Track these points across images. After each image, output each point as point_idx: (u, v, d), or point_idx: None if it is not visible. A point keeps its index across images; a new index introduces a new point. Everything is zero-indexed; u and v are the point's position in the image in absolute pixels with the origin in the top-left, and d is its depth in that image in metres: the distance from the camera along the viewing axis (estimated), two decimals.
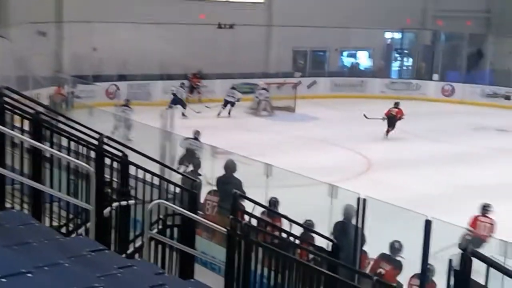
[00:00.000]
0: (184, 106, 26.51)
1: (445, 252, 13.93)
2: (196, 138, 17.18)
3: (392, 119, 24.54)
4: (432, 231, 8.40)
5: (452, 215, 13.53)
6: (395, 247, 10.71)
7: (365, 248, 10.20)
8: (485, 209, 13.83)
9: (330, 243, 8.98)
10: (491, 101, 32.96)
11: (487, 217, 13.78)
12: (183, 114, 25.73)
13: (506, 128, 26.91)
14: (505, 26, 38.34)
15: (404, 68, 38.72)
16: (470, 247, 4.60)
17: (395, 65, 38.80)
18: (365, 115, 24.94)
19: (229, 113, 27.33)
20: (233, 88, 28.17)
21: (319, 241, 9.34)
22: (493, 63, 36.45)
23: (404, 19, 35.70)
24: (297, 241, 8.40)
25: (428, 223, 8.38)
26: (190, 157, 15.99)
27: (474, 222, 13.74)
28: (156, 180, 8.20)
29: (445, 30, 36.30)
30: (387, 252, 10.78)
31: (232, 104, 27.54)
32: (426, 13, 37.91)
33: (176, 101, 26.56)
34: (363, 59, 37.45)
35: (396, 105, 25.12)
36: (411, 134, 25.11)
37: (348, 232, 10.29)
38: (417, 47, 37.57)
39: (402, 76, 37.33)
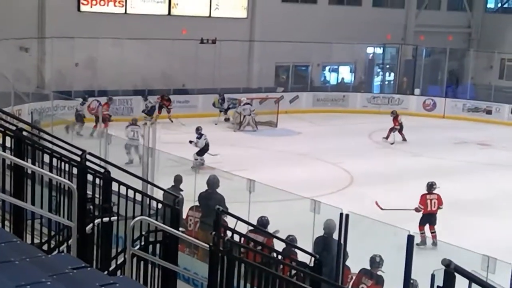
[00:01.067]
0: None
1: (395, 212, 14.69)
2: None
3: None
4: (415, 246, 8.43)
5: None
6: (376, 261, 10.72)
7: (347, 263, 10.20)
8: (431, 186, 15.37)
9: (313, 258, 8.98)
10: (472, 115, 33.22)
11: (433, 193, 15.28)
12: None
13: (487, 142, 27.10)
14: (486, 41, 38.82)
15: (386, 82, 38.96)
16: (453, 264, 4.62)
17: (377, 80, 39.03)
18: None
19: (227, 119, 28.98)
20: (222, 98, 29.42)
21: (302, 257, 9.34)
22: (474, 78, 36.78)
23: (385, 34, 36.01)
24: (279, 257, 8.40)
25: (410, 238, 8.40)
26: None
27: (423, 200, 15.16)
28: (138, 196, 8.17)
29: (426, 45, 36.62)
30: (368, 266, 10.79)
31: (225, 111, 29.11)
32: (407, 28, 38.25)
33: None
34: (346, 74, 37.64)
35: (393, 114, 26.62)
36: (393, 148, 25.25)
37: (330, 247, 10.30)
38: (399, 61, 37.83)
39: (384, 90, 37.57)
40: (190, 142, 20.84)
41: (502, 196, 18.93)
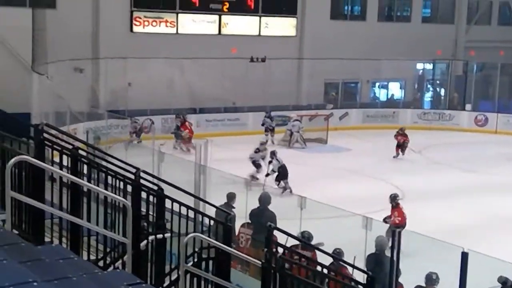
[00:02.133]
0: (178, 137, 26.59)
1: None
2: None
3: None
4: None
5: (486, 246, 13.48)
6: (432, 278, 10.58)
7: (400, 280, 10.15)
8: (397, 199, 15.97)
9: (365, 275, 8.96)
10: None
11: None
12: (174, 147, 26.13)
13: None
14: None
15: (437, 98, 38.61)
16: (510, 281, 4.59)
17: (428, 96, 38.72)
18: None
19: (272, 142, 27.68)
20: (268, 116, 28.72)
21: (354, 274, 9.32)
22: None
23: (435, 50, 35.73)
24: (331, 273, 8.39)
25: (464, 255, 8.34)
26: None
27: (401, 213, 15.63)
28: (191, 213, 8.28)
29: (477, 60, 36.20)
30: (423, 283, 10.70)
31: (272, 130, 28.18)
32: (458, 44, 37.89)
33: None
34: (395, 90, 37.44)
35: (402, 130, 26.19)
36: (443, 164, 24.97)
37: (383, 264, 10.26)
38: (449, 77, 37.47)
39: (435, 106, 37.22)
40: (267, 175, 20.66)
41: None
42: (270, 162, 20.83)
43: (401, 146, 25.83)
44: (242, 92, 29.96)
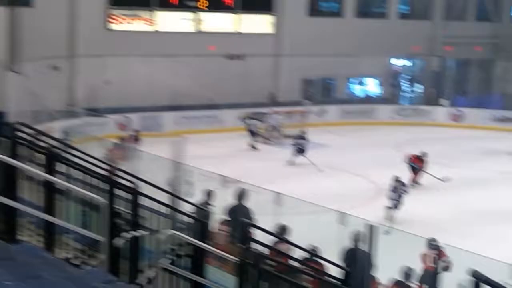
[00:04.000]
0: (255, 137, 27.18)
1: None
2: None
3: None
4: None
5: (463, 240, 13.62)
6: (408, 273, 10.71)
7: (375, 274, 10.23)
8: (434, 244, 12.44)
9: (341, 270, 9.03)
10: (501, 125, 32.96)
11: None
12: (252, 146, 26.57)
13: None
14: None
15: (413, 94, 38.83)
16: (481, 274, 4.61)
17: (405, 92, 38.93)
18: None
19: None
20: (301, 137, 25.15)
21: (329, 268, 9.39)
22: (502, 88, 36.53)
23: (412, 46, 35.92)
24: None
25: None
26: None
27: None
28: (167, 210, 8.29)
29: (453, 56, 36.43)
30: (399, 277, 10.81)
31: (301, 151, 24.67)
32: (434, 40, 38.08)
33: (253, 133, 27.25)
34: (373, 86, 37.62)
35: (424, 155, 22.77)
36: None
37: (358, 258, 10.34)
38: (426, 73, 37.69)
39: (412, 102, 37.44)
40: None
41: None
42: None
43: (416, 172, 22.15)
44: (220, 89, 29.96)
